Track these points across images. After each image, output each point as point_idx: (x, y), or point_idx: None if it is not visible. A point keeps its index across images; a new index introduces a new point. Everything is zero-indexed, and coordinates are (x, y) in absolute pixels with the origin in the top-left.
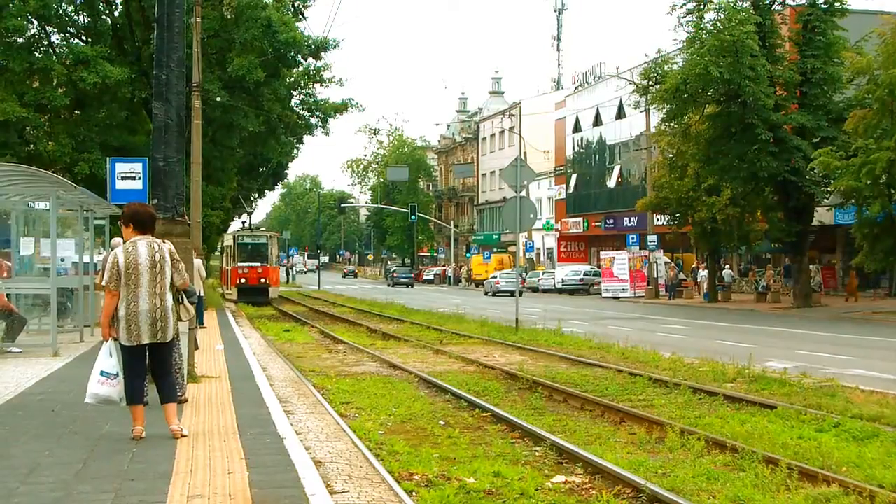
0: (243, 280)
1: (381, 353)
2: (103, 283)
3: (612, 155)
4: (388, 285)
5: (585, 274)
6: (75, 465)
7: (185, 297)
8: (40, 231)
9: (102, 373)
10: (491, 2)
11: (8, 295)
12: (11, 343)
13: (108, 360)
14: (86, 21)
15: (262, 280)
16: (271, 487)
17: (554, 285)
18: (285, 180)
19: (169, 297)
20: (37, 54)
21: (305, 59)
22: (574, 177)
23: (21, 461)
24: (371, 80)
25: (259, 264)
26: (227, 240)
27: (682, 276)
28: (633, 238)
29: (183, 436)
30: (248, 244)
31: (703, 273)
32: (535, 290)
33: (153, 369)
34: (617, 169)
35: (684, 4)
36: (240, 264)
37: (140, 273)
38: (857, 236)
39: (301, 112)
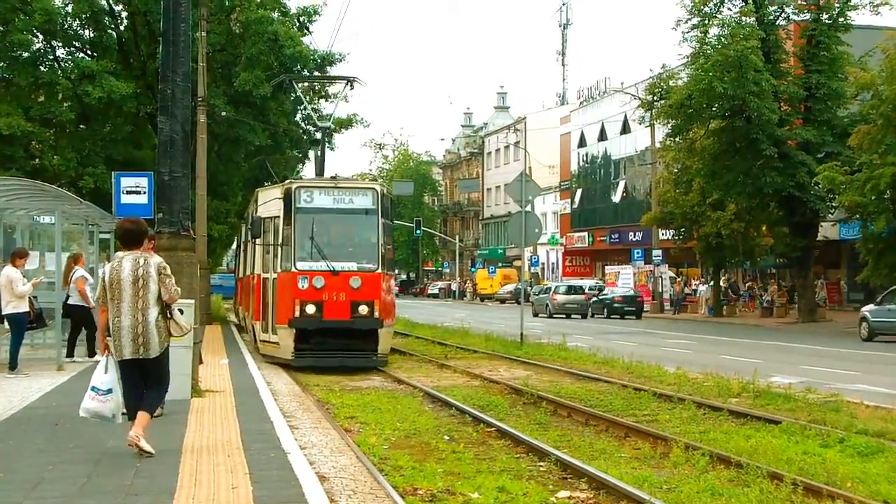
0: (311, 308)
1: (386, 367)
2: (94, 299)
3: (616, 170)
4: None
5: (590, 288)
6: (79, 480)
7: (171, 312)
8: (45, 245)
9: (93, 388)
10: (496, 17)
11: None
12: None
13: (102, 375)
14: (91, 35)
15: (364, 308)
16: (275, 502)
17: None
18: None
19: (153, 312)
20: (42, 68)
21: (311, 74)
22: (579, 191)
23: (25, 475)
24: (376, 94)
25: (356, 264)
26: (269, 203)
27: (687, 290)
28: (638, 253)
29: (140, 448)
30: (329, 211)
31: (703, 288)
32: None
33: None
34: (622, 184)
35: (689, 20)
36: (302, 266)
37: (122, 288)
38: (862, 251)
39: (306, 127)
